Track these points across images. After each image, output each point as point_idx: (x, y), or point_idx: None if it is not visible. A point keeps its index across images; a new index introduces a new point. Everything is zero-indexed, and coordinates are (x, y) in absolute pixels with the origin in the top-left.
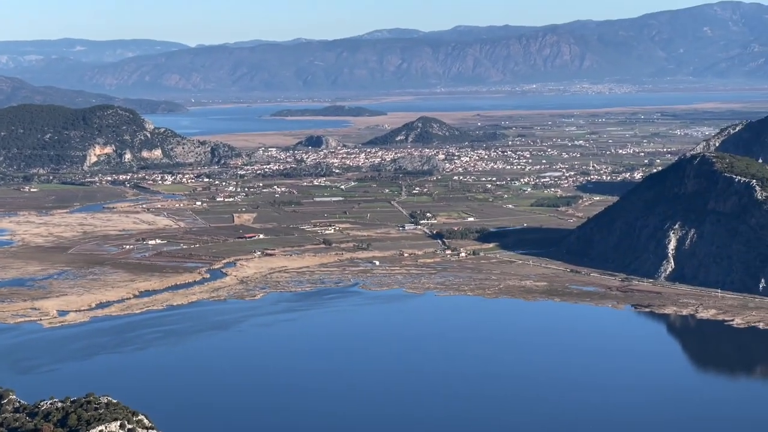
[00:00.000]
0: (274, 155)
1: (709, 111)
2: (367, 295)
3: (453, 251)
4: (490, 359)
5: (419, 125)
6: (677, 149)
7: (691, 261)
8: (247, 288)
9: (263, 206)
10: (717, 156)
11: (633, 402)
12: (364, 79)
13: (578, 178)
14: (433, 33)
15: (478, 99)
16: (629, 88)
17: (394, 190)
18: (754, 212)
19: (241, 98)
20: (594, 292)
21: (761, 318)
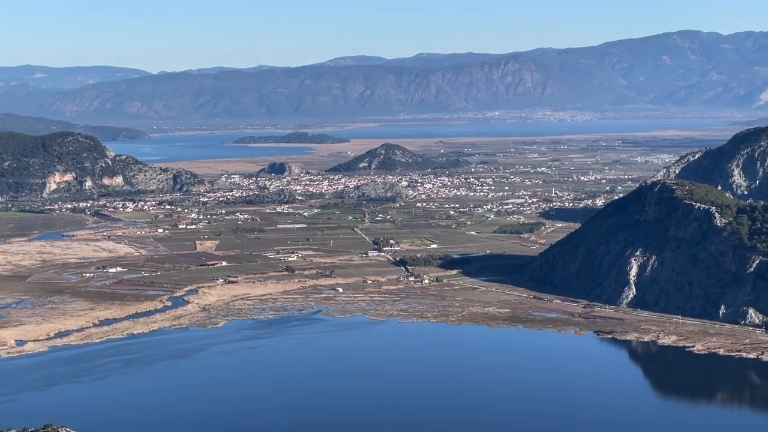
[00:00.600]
0: (236, 182)
1: (669, 138)
2: (330, 323)
3: (416, 278)
4: (452, 388)
5: (382, 152)
6: (638, 176)
7: (653, 287)
8: (209, 316)
9: (226, 233)
10: (677, 183)
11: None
12: (327, 106)
13: (541, 204)
14: (396, 60)
15: (441, 126)
16: (591, 116)
17: (357, 216)
18: (714, 239)
19: (203, 125)
20: (557, 319)
21: (721, 344)
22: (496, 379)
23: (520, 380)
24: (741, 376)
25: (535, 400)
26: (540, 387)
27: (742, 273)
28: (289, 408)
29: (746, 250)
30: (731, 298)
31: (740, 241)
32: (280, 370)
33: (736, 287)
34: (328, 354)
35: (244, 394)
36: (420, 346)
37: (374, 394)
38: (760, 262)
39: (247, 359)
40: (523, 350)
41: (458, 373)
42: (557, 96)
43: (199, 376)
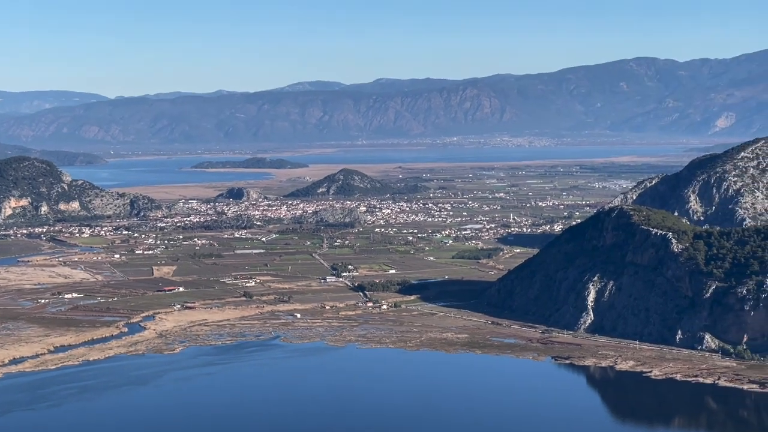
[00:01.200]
0: (194, 207)
1: (626, 164)
2: (288, 348)
3: (374, 303)
4: (410, 413)
5: (341, 177)
6: (596, 202)
7: (610, 313)
8: (166, 342)
9: (183, 259)
10: (634, 209)
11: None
12: (285, 131)
13: (499, 230)
14: (355, 85)
15: (399, 151)
16: (548, 141)
17: (315, 242)
18: (671, 264)
19: (161, 150)
20: (515, 344)
21: (678, 369)
22: (455, 404)
23: (477, 406)
24: (698, 401)
25: (492, 426)
26: (497, 412)
27: (698, 298)
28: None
29: (703, 275)
30: (688, 324)
31: (697, 266)
32: (237, 396)
33: (693, 312)
34: (286, 380)
35: (201, 421)
36: (378, 371)
37: (332, 419)
38: (717, 288)
39: (204, 385)
40: (481, 376)
41: (416, 398)
42: (515, 122)
43: (156, 403)
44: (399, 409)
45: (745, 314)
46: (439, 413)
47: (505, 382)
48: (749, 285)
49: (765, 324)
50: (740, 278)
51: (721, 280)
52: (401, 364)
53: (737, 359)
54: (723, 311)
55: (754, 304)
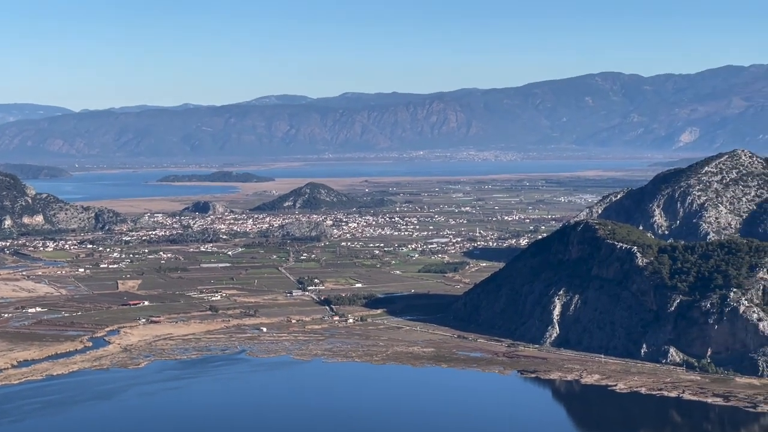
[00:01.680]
0: (160, 221)
1: (592, 179)
2: (253, 362)
3: (341, 317)
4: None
5: (307, 191)
6: (561, 216)
7: (576, 326)
8: (131, 356)
9: (148, 272)
10: (599, 223)
11: None
12: (252, 144)
13: (465, 244)
14: (321, 99)
15: (366, 165)
16: (514, 156)
17: (281, 256)
18: (636, 278)
19: (126, 164)
20: (481, 358)
21: (643, 383)
22: (420, 418)
23: (443, 420)
24: (662, 414)
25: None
26: (463, 426)
27: (663, 312)
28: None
29: (667, 289)
30: (653, 337)
31: (661, 280)
32: (202, 410)
33: (658, 326)
34: (252, 394)
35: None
36: (344, 385)
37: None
38: (681, 301)
39: (169, 400)
40: (447, 390)
41: (381, 413)
42: (481, 136)
43: (120, 418)
44: (364, 423)
45: (709, 328)
46: (404, 428)
47: (471, 396)
48: (713, 299)
49: (729, 338)
50: (704, 292)
51: (686, 293)
52: (367, 378)
53: (701, 373)
54: (687, 325)
55: (718, 318)
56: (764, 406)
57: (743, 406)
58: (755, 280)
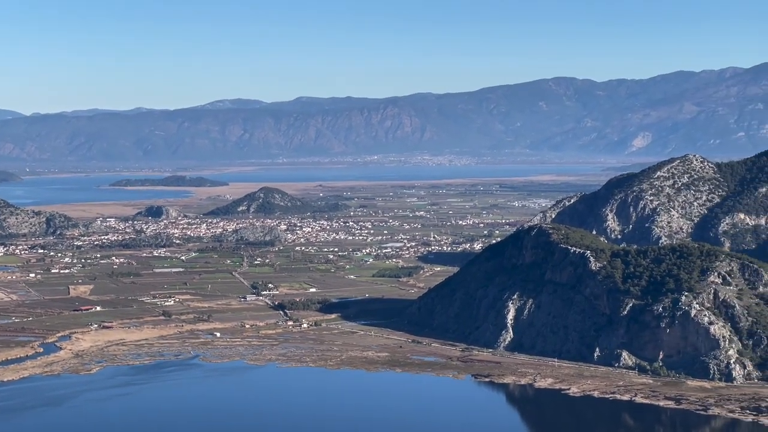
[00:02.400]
0: (112, 226)
1: (545, 183)
2: (207, 368)
3: (295, 322)
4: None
5: (261, 196)
6: (515, 220)
7: (529, 330)
8: (83, 362)
9: (101, 278)
10: (553, 227)
11: None
12: (205, 149)
13: (419, 248)
14: (276, 104)
15: (320, 170)
16: (469, 160)
17: (235, 260)
18: (589, 282)
19: (78, 168)
20: (435, 363)
21: (596, 386)
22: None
23: (397, 425)
24: (615, 418)
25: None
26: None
27: (616, 316)
28: None
29: (620, 293)
30: (605, 341)
31: (614, 284)
32: (154, 416)
33: (610, 330)
34: (205, 399)
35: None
36: (298, 390)
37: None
38: (634, 305)
39: (121, 406)
40: (401, 394)
41: (335, 418)
42: (436, 141)
43: (71, 424)
44: (317, 428)
45: (661, 331)
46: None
47: (425, 400)
48: (665, 303)
49: (680, 341)
50: (656, 296)
51: (638, 297)
52: (321, 382)
53: (653, 376)
54: (639, 329)
55: (670, 322)
56: (715, 408)
57: (694, 409)
58: (706, 284)
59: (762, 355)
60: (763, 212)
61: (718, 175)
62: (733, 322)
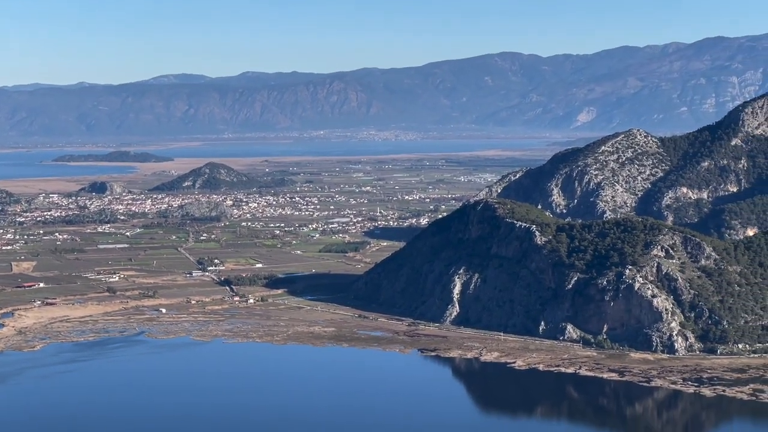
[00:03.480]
0: (55, 201)
1: (491, 158)
2: (153, 344)
3: (241, 298)
4: (276, 406)
5: (207, 171)
6: (461, 195)
7: (476, 305)
8: (26, 339)
9: (44, 254)
10: (499, 202)
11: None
12: (150, 124)
13: (366, 223)
14: (221, 79)
15: (266, 145)
16: (415, 135)
17: (181, 236)
18: (534, 257)
19: (19, 143)
20: (382, 337)
21: (541, 360)
22: (321, 398)
23: (343, 399)
24: (559, 390)
25: (357, 419)
26: (363, 404)
27: (561, 290)
28: None
29: (565, 267)
30: (551, 315)
31: (559, 258)
32: (99, 393)
33: (556, 304)
34: (150, 375)
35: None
36: (243, 366)
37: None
38: (578, 279)
39: (65, 383)
40: (347, 368)
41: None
42: (382, 116)
43: (13, 402)
44: (263, 403)
45: (605, 305)
46: (304, 407)
47: (372, 374)
48: (609, 276)
49: (624, 314)
50: (601, 270)
51: (583, 271)
52: (268, 358)
53: (598, 349)
54: (584, 302)
55: (614, 295)
56: (658, 380)
57: (637, 380)
58: (650, 258)
59: (704, 327)
60: (705, 186)
61: (662, 149)
62: (676, 294)
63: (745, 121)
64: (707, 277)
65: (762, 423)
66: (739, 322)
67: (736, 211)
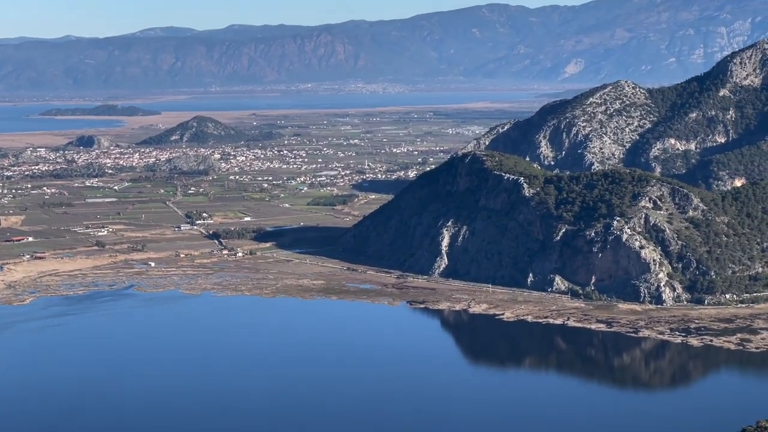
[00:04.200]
0: (43, 156)
1: (479, 111)
2: (142, 297)
3: (230, 251)
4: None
5: (194, 125)
6: (449, 148)
7: (464, 257)
8: (16, 292)
9: (32, 208)
10: (487, 154)
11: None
12: (137, 78)
13: (354, 176)
14: (208, 32)
15: (253, 98)
16: (402, 88)
17: (169, 190)
18: (522, 209)
19: (6, 97)
20: (370, 290)
21: (529, 311)
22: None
23: (332, 350)
24: (548, 341)
25: (346, 370)
26: (352, 356)
27: (549, 242)
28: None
29: (553, 219)
30: (539, 267)
31: (547, 210)
32: (89, 346)
33: (544, 256)
34: (140, 328)
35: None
36: (232, 318)
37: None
38: (566, 231)
39: (54, 336)
40: (337, 321)
41: (269, 345)
42: (369, 68)
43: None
44: (252, 355)
45: (593, 256)
46: (293, 358)
47: (361, 326)
48: (597, 228)
49: (611, 265)
50: (589, 221)
51: (571, 223)
52: (257, 311)
53: (585, 300)
54: (572, 254)
55: (602, 247)
56: (645, 331)
57: (625, 331)
58: (638, 209)
59: (691, 278)
60: (693, 137)
61: (650, 101)
62: (664, 245)
63: (733, 71)
64: (695, 228)
65: (749, 372)
66: (726, 273)
67: (723, 162)
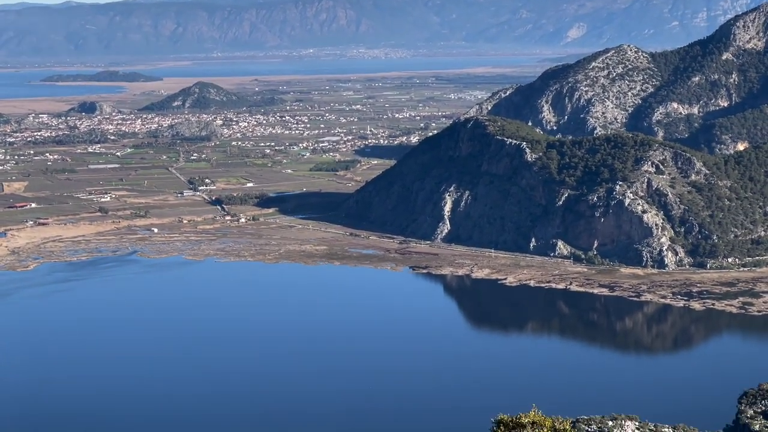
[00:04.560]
0: (45, 122)
1: (481, 75)
2: (145, 263)
3: (232, 217)
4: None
5: (196, 91)
6: (452, 113)
7: (466, 222)
8: (19, 258)
9: (35, 174)
10: (489, 119)
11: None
12: (138, 43)
13: (356, 142)
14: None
15: (255, 64)
16: (404, 53)
17: (171, 156)
18: (525, 174)
19: (8, 63)
20: (373, 255)
21: (532, 276)
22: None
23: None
24: (550, 306)
25: (350, 334)
26: (355, 321)
27: (551, 206)
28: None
29: (555, 184)
30: (541, 231)
31: (550, 175)
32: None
33: (546, 220)
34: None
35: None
36: (236, 284)
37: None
38: (569, 196)
39: (59, 302)
40: (340, 286)
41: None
42: (371, 33)
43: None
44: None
45: (596, 221)
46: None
47: (364, 291)
48: (600, 192)
49: (614, 230)
50: (591, 186)
51: (573, 188)
52: (260, 276)
53: (588, 265)
54: (575, 218)
55: (604, 211)
56: (647, 295)
57: (627, 295)
58: (640, 173)
59: (693, 242)
60: (695, 101)
61: (652, 65)
62: (666, 210)
63: (736, 35)
64: (697, 192)
65: (751, 336)
66: (728, 237)
67: (726, 126)
